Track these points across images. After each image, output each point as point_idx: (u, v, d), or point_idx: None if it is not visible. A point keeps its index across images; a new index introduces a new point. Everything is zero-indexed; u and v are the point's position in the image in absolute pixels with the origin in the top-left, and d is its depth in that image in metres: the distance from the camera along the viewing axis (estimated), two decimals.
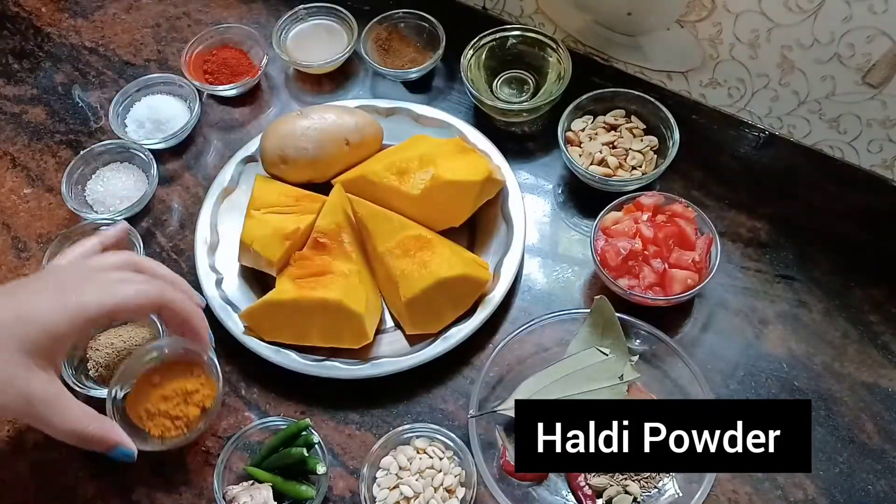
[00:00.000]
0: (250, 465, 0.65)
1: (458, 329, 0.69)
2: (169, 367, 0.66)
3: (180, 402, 0.64)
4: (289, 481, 0.64)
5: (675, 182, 0.78)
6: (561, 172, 0.81)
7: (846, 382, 0.67)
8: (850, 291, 0.72)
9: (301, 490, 0.63)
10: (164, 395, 0.64)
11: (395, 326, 0.72)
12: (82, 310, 0.56)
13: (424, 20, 0.88)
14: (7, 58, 0.93)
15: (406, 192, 0.73)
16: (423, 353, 0.68)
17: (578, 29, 0.85)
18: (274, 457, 0.65)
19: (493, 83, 0.85)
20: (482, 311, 0.70)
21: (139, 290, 0.59)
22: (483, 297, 0.71)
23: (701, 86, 0.81)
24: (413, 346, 0.70)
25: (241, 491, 0.62)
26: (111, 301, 0.57)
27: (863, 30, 0.66)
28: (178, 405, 0.64)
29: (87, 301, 0.57)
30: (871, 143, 0.75)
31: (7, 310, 0.55)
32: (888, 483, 0.63)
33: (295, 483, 0.64)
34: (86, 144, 0.84)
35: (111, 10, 0.97)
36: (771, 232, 0.75)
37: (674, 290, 0.67)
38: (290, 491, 0.63)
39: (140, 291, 0.59)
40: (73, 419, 0.57)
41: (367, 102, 0.82)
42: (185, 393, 0.64)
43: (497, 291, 0.71)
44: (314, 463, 0.63)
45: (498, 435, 0.65)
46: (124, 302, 0.58)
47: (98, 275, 0.60)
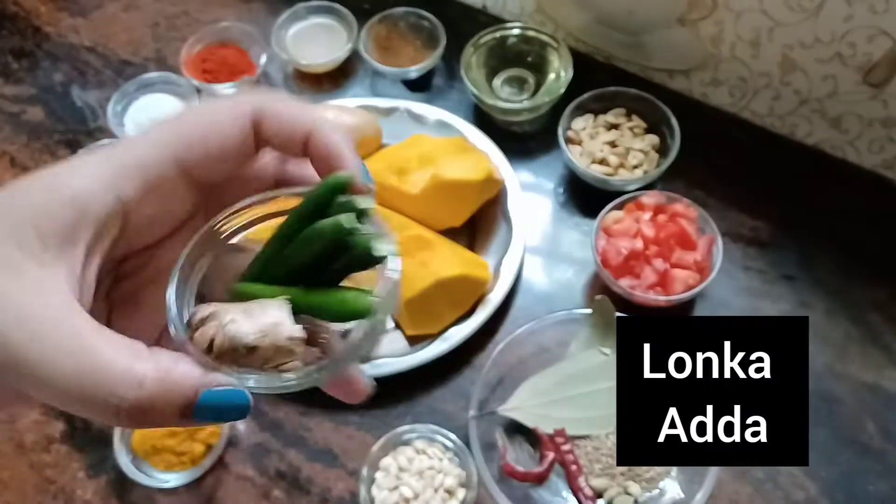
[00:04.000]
0: (242, 282, 0.31)
1: (458, 329, 0.69)
2: None
3: (186, 438, 0.65)
4: (317, 291, 0.30)
5: (677, 181, 0.78)
6: (561, 172, 0.81)
7: (848, 382, 0.67)
8: (851, 291, 0.72)
9: (349, 299, 0.30)
10: (170, 430, 0.65)
11: (395, 326, 0.72)
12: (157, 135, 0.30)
13: (424, 19, 0.87)
14: (6, 57, 0.93)
15: (406, 191, 0.72)
16: (423, 353, 0.68)
17: (579, 27, 0.85)
18: (290, 247, 0.30)
19: (494, 82, 0.85)
20: (482, 312, 0.70)
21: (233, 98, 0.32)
22: (483, 297, 0.71)
23: (702, 85, 0.81)
24: (413, 346, 0.70)
25: (216, 310, 0.29)
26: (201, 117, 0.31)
27: (864, 29, 0.66)
28: (183, 441, 0.65)
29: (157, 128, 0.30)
30: (872, 142, 0.75)
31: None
32: (889, 483, 0.63)
33: (336, 292, 0.30)
34: (84, 143, 0.84)
35: (110, 10, 0.96)
36: (772, 232, 0.75)
37: (675, 290, 0.67)
38: (328, 305, 0.30)
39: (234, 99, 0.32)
40: (95, 354, 0.25)
41: (366, 101, 0.82)
42: (191, 430, 0.65)
43: (497, 291, 0.71)
44: (367, 242, 0.29)
45: (498, 436, 0.65)
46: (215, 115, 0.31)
47: None
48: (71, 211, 0.27)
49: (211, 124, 0.30)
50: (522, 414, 0.65)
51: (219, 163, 0.30)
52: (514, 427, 0.65)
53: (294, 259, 0.30)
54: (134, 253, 0.30)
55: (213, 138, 0.30)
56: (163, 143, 0.29)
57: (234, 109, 0.30)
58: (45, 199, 0.27)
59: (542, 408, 0.65)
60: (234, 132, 0.30)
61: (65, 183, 0.27)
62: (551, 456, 0.63)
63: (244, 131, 0.30)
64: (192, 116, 0.31)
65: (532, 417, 0.64)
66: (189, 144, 0.29)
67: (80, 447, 0.68)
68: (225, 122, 0.30)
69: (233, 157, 0.30)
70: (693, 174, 0.78)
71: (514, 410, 0.65)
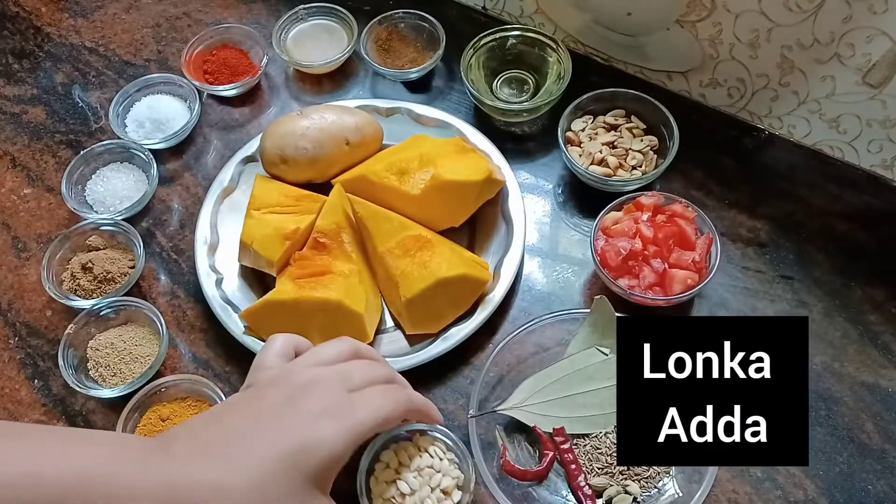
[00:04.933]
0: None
1: (458, 329, 0.69)
2: (179, 402, 0.67)
3: None
4: None
5: (675, 182, 0.78)
6: (561, 172, 0.81)
7: (846, 382, 0.67)
8: (850, 291, 0.72)
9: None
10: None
11: (395, 326, 0.72)
12: (359, 429, 0.52)
13: (424, 20, 0.88)
14: (7, 58, 0.93)
15: (406, 192, 0.73)
16: (423, 353, 0.68)
17: (578, 29, 0.85)
18: None
19: (493, 83, 0.85)
20: (482, 311, 0.70)
21: (397, 399, 0.56)
22: (483, 297, 0.71)
23: (701, 86, 0.81)
24: (413, 346, 0.70)
25: None
26: (382, 415, 0.54)
27: (863, 30, 0.66)
28: None
29: (364, 419, 0.52)
30: (870, 143, 0.75)
31: (290, 438, 0.49)
32: (888, 483, 0.63)
33: None
34: (86, 144, 0.84)
35: (111, 10, 0.97)
36: (771, 232, 0.75)
37: (674, 290, 0.67)
38: None
39: (398, 402, 0.56)
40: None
41: (367, 102, 0.82)
42: None
43: (497, 291, 0.71)
44: None
45: (498, 435, 0.65)
46: (391, 415, 0.55)
47: (356, 392, 0.55)
48: (334, 470, 0.52)
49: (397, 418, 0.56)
50: (522, 413, 0.65)
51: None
52: (513, 426, 0.65)
53: None
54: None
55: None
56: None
57: (406, 410, 0.57)
58: (324, 469, 0.51)
59: (542, 407, 0.65)
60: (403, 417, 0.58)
61: (336, 456, 0.51)
62: (551, 455, 0.63)
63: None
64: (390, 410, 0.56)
65: (531, 416, 0.64)
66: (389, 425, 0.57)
67: None
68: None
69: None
70: (692, 175, 0.79)
71: (514, 410, 0.65)
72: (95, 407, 0.70)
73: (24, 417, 0.70)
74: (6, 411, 0.70)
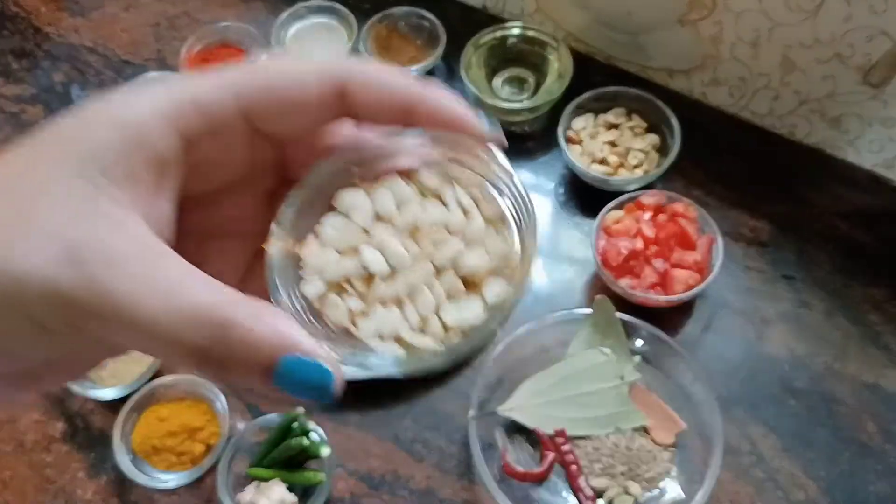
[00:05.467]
0: (251, 467, 0.65)
1: None
2: (177, 403, 0.67)
3: (186, 438, 0.65)
4: (295, 472, 0.64)
5: (677, 181, 0.78)
6: (561, 171, 0.81)
7: (847, 382, 0.67)
8: (851, 291, 0.72)
9: (310, 476, 0.63)
10: (171, 430, 0.65)
11: None
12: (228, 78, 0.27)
13: (424, 18, 0.87)
14: (6, 57, 0.93)
15: None
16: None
17: (579, 27, 0.85)
18: (275, 452, 0.64)
19: (494, 82, 0.85)
20: None
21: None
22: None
23: (702, 85, 0.81)
24: None
25: (254, 495, 0.62)
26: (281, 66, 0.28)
27: (863, 29, 0.66)
28: (183, 441, 0.65)
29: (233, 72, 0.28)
30: (871, 142, 0.75)
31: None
32: (889, 483, 0.63)
33: (302, 472, 0.64)
34: None
35: (110, 10, 0.96)
36: (772, 232, 0.75)
37: (675, 289, 0.67)
38: (299, 480, 0.63)
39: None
40: (183, 291, 0.23)
41: None
42: (191, 430, 0.65)
43: None
44: (317, 448, 0.63)
45: (498, 436, 0.65)
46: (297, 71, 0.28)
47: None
48: (135, 147, 0.24)
49: (288, 76, 0.27)
50: (522, 414, 0.65)
51: (287, 117, 0.28)
52: (514, 427, 0.65)
53: (279, 456, 0.64)
54: (192, 204, 0.28)
55: (287, 91, 0.27)
56: (226, 84, 0.27)
57: (321, 68, 0.28)
58: (105, 135, 0.24)
59: (542, 408, 0.65)
60: (314, 90, 0.27)
61: (124, 116, 0.25)
62: (551, 456, 0.63)
63: (326, 91, 0.27)
64: (268, 65, 0.28)
65: (532, 417, 0.64)
66: (256, 90, 0.27)
67: (80, 447, 0.68)
68: (308, 78, 0.27)
69: (306, 114, 0.28)
70: (693, 174, 0.78)
71: (514, 410, 0.65)
72: (94, 407, 0.70)
73: (23, 417, 0.70)
74: (4, 412, 0.70)
